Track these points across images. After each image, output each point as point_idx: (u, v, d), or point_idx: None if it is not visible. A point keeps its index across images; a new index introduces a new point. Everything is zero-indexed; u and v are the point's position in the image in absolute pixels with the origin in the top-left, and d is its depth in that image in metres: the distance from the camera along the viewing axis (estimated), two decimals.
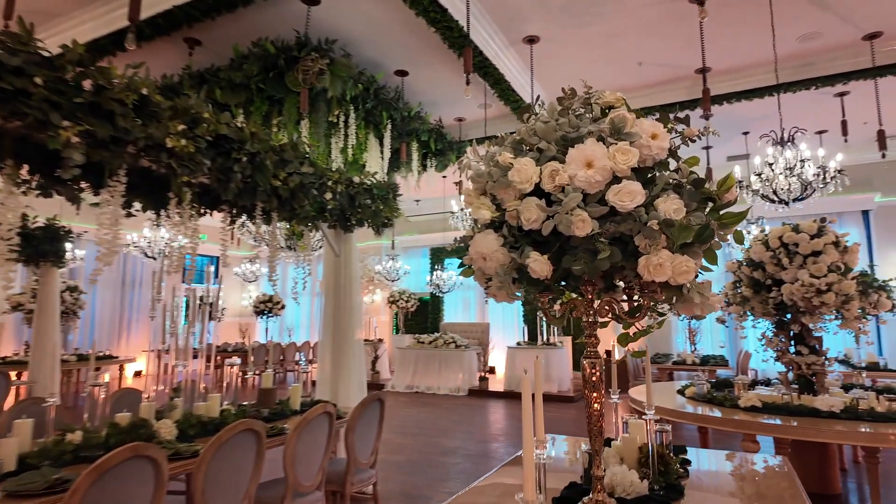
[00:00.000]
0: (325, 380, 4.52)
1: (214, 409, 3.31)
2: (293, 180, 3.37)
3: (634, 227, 1.53)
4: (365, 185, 4.20)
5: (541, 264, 1.55)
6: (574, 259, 1.55)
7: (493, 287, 1.72)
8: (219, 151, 2.95)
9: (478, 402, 8.88)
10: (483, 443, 6.06)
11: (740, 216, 1.53)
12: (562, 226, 1.51)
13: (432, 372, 9.83)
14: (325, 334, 4.64)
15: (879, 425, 3.32)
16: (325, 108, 5.61)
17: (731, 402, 4.01)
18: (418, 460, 5.27)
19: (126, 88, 2.42)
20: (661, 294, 1.64)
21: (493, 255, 1.64)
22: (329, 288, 4.69)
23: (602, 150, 1.53)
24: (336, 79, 5.34)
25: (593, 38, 5.92)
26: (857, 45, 6.10)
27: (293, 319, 15.01)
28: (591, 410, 1.82)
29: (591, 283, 1.80)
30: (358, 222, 4.24)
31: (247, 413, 3.45)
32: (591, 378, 1.83)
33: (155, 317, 3.07)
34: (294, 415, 3.75)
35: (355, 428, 3.35)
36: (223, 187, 3.10)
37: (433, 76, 6.76)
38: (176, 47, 5.82)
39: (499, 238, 1.67)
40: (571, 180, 1.55)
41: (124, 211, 3.29)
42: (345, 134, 5.85)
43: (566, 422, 7.30)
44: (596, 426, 1.81)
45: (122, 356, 10.39)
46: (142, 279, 12.65)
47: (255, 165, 3.12)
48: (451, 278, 11.94)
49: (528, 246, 1.66)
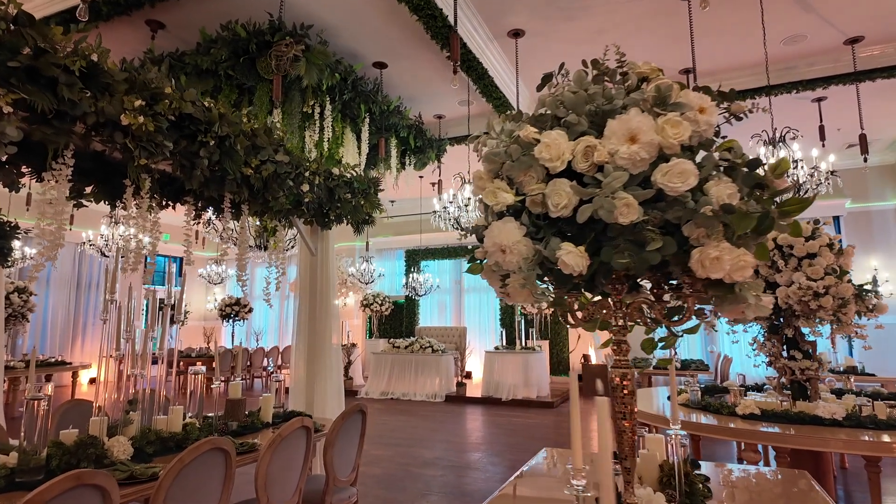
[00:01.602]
0: (299, 388, 4.18)
1: (176, 423, 2.96)
2: (266, 169, 3.04)
3: (684, 215, 1.30)
4: (345, 178, 3.90)
5: (575, 257, 1.30)
6: (615, 251, 1.31)
7: (511, 285, 1.46)
8: (183, 133, 2.62)
9: (455, 408, 8.62)
10: (464, 453, 5.80)
11: (804, 203, 1.31)
12: (602, 211, 1.26)
13: (408, 377, 9.52)
14: (299, 339, 4.31)
15: (884, 433, 3.20)
16: (300, 99, 5.28)
17: (728, 410, 3.85)
18: (397, 473, 4.97)
19: (73, 54, 2.07)
20: (707, 293, 1.41)
21: (515, 246, 1.38)
22: (304, 290, 4.36)
23: (649, 121, 1.29)
24: (312, 67, 5.02)
25: (578, 34, 5.76)
26: (838, 49, 6.11)
27: (261, 323, 14.48)
28: (622, 427, 1.59)
29: (619, 282, 1.57)
30: (337, 218, 3.93)
31: (213, 427, 3.11)
32: (621, 391, 1.59)
33: (107, 319, 2.71)
34: (266, 428, 3.42)
35: (335, 443, 3.05)
36: (187, 175, 2.76)
37: (413, 70, 6.50)
38: (136, 30, 5.40)
39: (521, 227, 1.42)
40: (612, 157, 1.31)
41: (72, 201, 2.93)
42: (320, 126, 5.53)
43: (547, 428, 7.10)
44: (628, 446, 1.58)
45: (77, 362, 9.74)
46: (98, 280, 11.96)
47: (223, 151, 2.79)
48: (427, 281, 11.65)
49: (553, 237, 1.41)
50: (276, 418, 3.57)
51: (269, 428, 3.43)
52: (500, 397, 8.93)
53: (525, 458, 5.44)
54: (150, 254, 3.08)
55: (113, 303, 2.74)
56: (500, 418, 7.71)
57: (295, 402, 4.13)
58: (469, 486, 4.60)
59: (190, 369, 3.21)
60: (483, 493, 4.42)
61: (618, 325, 1.58)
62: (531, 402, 8.73)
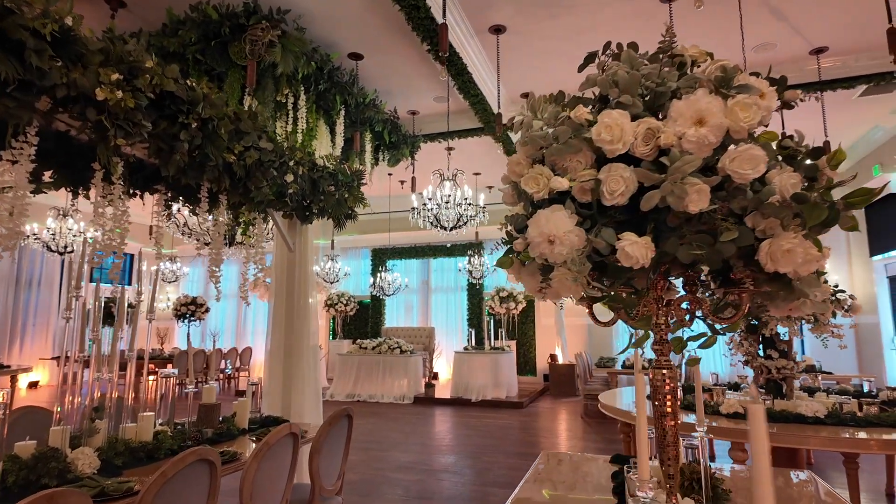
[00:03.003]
0: (274, 392, 3.95)
1: (147, 432, 2.70)
2: (250, 156, 2.82)
3: (751, 204, 1.22)
4: (328, 169, 3.70)
5: (640, 248, 1.19)
6: (680, 242, 1.21)
7: (558, 280, 1.35)
8: (163, 113, 2.38)
9: (425, 409, 8.46)
10: (439, 456, 5.66)
11: (870, 194, 1.25)
12: (671, 198, 1.16)
13: (375, 379, 9.30)
14: (274, 340, 4.07)
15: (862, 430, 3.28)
16: (273, 87, 5.02)
17: (711, 409, 3.87)
18: (373, 479, 4.79)
19: (43, 16, 1.83)
20: (766, 288, 1.34)
21: (567, 237, 1.27)
22: (280, 288, 4.12)
23: (718, 103, 1.19)
24: (288, 54, 4.78)
25: (560, 32, 5.73)
26: (804, 59, 6.32)
27: (217, 324, 13.90)
28: (665, 429, 1.50)
29: (663, 277, 1.48)
30: (319, 212, 3.72)
31: (186, 435, 2.86)
32: (664, 393, 1.50)
33: (71, 318, 2.44)
34: (242, 435, 3.19)
35: (321, 450, 2.86)
36: (164, 160, 2.52)
37: (389, 63, 6.32)
38: (95, 7, 5.01)
39: (572, 216, 1.30)
40: (679, 141, 1.21)
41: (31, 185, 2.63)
42: (294, 117, 5.28)
43: (518, 429, 7.05)
44: (672, 452, 1.49)
45: (15, 365, 9.04)
46: (41, 277, 11.17)
47: (206, 134, 2.57)
48: (395, 280, 11.45)
49: (604, 227, 1.31)
50: (253, 424, 3.34)
51: (246, 435, 3.21)
52: (469, 398, 8.84)
53: (501, 461, 5.38)
54: (117, 247, 2.81)
55: (78, 299, 2.48)
56: (471, 419, 7.62)
57: (270, 407, 3.89)
58: (449, 491, 4.47)
59: (161, 372, 2.96)
60: (464, 498, 4.30)
61: (660, 322, 1.50)
62: (501, 403, 8.68)
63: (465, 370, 9.07)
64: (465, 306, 11.92)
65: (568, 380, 10.12)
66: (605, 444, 6.15)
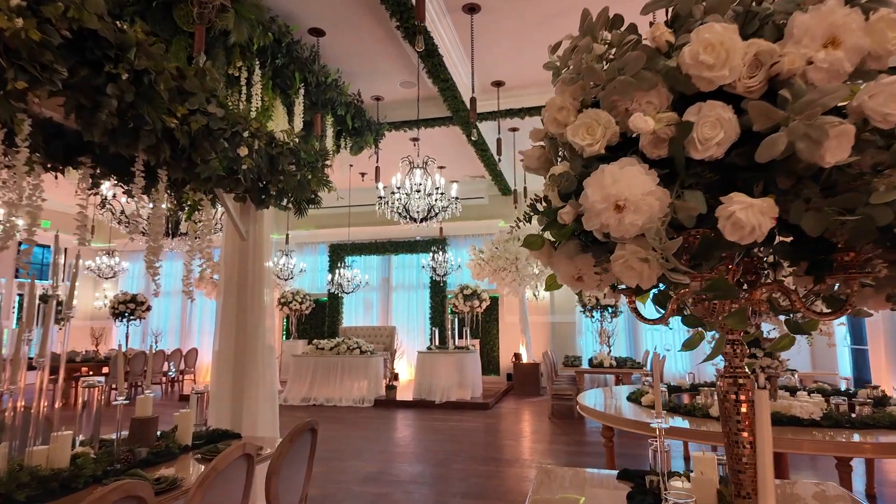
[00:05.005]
0: (223, 400, 3.46)
1: (62, 455, 2.20)
2: (197, 121, 2.36)
3: (890, 157, 0.91)
4: (289, 145, 3.24)
5: (755, 213, 0.86)
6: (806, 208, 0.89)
7: (624, 261, 1.00)
8: (83, 59, 1.90)
9: (387, 413, 8.03)
10: (406, 464, 5.27)
11: None
12: (803, 143, 0.84)
13: (333, 381, 8.79)
14: (223, 341, 3.58)
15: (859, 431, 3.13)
16: (225, 58, 4.50)
17: (701, 412, 3.65)
18: (336, 494, 4.35)
19: None
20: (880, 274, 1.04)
21: (644, 200, 0.92)
22: (230, 282, 3.64)
23: (858, 18, 0.88)
24: (242, 21, 4.28)
25: (535, 15, 5.44)
26: None
27: (160, 323, 12.98)
28: (741, 453, 1.18)
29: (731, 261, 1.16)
30: (277, 195, 3.26)
31: (115, 457, 2.37)
32: (738, 409, 1.18)
33: None
34: (185, 453, 2.72)
35: (279, 471, 2.43)
36: (87, 120, 2.04)
37: (353, 42, 5.88)
38: None
39: (650, 172, 0.96)
40: (807, 68, 0.89)
41: None
42: (248, 94, 4.76)
43: (487, 432, 6.74)
44: (748, 476, 1.17)
45: None
46: None
47: (140, 91, 2.09)
48: (355, 277, 10.93)
49: (686, 190, 0.97)
50: (198, 440, 2.86)
51: (189, 453, 2.73)
52: (433, 400, 8.48)
53: (472, 468, 5.03)
54: (27, 231, 2.29)
55: None
56: (436, 423, 7.25)
57: (218, 418, 3.41)
58: None
59: (82, 381, 2.45)
60: None
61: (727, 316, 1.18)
62: (466, 404, 8.36)
63: (429, 371, 8.70)
64: (428, 304, 11.54)
65: (532, 379, 9.91)
66: (577, 448, 5.93)
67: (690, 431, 3.43)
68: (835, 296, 1.16)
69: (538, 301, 10.72)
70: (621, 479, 2.18)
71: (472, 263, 9.60)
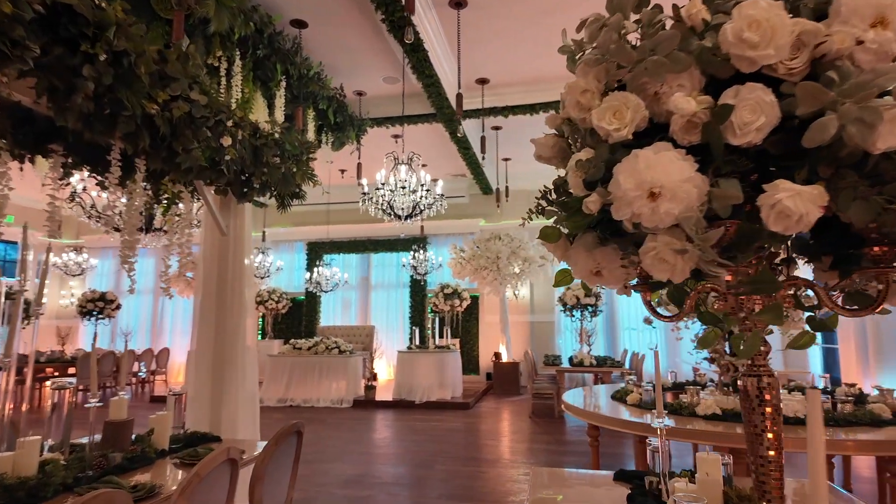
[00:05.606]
0: (201, 401, 3.32)
1: (30, 463, 2.05)
2: (179, 108, 2.23)
3: None
4: (273, 136, 3.12)
5: (804, 201, 0.81)
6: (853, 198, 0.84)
7: (655, 253, 0.94)
8: (57, 36, 1.77)
9: (366, 414, 7.91)
10: (388, 466, 5.18)
11: None
12: (855, 127, 0.79)
13: (311, 382, 8.62)
14: (201, 341, 3.44)
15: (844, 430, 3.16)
16: (204, 47, 4.34)
17: (687, 410, 3.65)
18: (317, 498, 4.23)
19: None
20: None
21: (682, 187, 0.86)
22: (209, 279, 3.50)
23: None
24: (223, 9, 4.13)
25: (524, 12, 5.40)
26: None
27: (130, 322, 12.59)
28: (764, 455, 1.13)
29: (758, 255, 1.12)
30: (261, 188, 3.14)
31: (87, 463, 2.23)
32: (762, 407, 1.14)
33: None
34: (162, 457, 2.59)
35: (264, 476, 2.33)
36: (61, 104, 1.90)
37: (336, 35, 5.76)
38: None
39: (686, 158, 0.91)
40: (855, 48, 0.84)
41: None
42: (228, 84, 4.60)
43: (468, 432, 6.69)
44: (774, 480, 1.13)
45: None
46: None
47: (119, 73, 1.97)
48: (334, 275, 10.76)
49: (722, 178, 0.92)
50: (176, 443, 2.73)
51: (167, 458, 2.60)
52: (413, 400, 8.39)
53: (456, 469, 4.96)
54: None
55: None
56: (417, 423, 7.16)
57: (197, 420, 3.27)
58: None
59: (51, 383, 2.30)
60: None
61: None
62: (446, 404, 8.29)
63: (409, 370, 8.61)
64: (408, 304, 11.43)
65: (512, 378, 9.90)
66: (559, 447, 5.91)
67: (678, 430, 3.42)
68: (861, 291, 1.12)
69: (518, 300, 10.72)
70: (618, 481, 2.15)
71: (453, 262, 9.55)
